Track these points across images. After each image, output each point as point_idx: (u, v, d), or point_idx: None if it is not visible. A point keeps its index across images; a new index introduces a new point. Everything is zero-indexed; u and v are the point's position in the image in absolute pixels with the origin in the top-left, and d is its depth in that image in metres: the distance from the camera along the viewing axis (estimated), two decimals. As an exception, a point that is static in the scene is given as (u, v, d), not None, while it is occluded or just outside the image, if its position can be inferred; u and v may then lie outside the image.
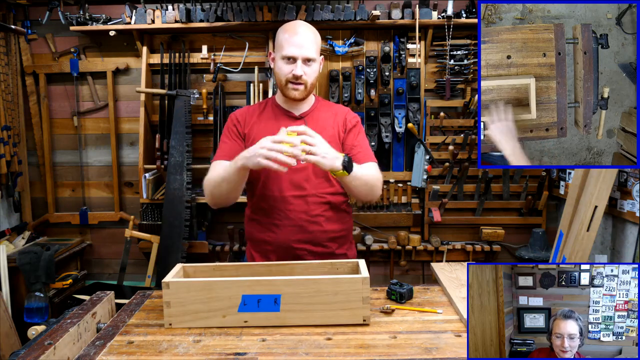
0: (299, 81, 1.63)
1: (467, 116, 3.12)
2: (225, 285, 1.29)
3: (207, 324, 1.30)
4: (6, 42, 3.06)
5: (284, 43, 1.62)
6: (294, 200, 1.66)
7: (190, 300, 1.29)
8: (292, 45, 1.60)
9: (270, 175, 1.66)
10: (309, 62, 1.63)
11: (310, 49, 1.62)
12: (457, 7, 3.02)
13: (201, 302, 1.29)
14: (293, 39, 1.61)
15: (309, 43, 1.62)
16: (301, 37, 1.61)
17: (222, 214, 3.25)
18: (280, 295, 1.29)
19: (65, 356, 1.14)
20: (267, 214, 1.70)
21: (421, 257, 3.21)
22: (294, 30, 1.63)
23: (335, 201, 1.71)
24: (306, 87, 1.65)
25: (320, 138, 1.48)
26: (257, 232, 1.73)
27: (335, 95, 3.08)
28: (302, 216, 1.67)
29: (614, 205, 2.40)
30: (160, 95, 3.09)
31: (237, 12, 2.94)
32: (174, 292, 1.29)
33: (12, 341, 2.62)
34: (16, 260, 2.75)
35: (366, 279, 1.28)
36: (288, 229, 1.67)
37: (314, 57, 1.63)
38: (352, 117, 1.77)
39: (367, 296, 1.28)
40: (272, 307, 1.29)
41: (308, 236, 1.67)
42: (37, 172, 3.32)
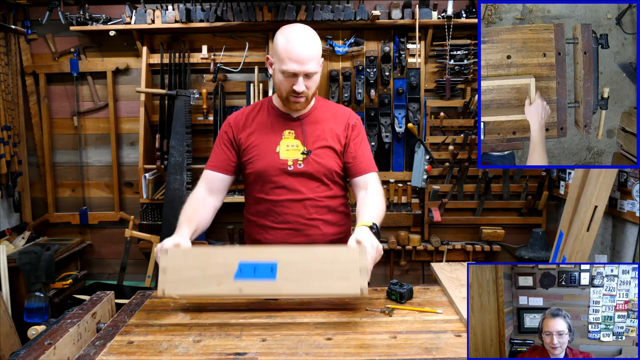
0: (301, 95, 1.58)
1: (467, 116, 3.12)
2: (222, 252, 1.30)
3: (201, 292, 1.30)
4: (6, 42, 3.06)
5: (284, 56, 1.51)
6: (290, 204, 1.64)
7: (187, 267, 1.30)
8: (292, 62, 1.50)
9: (267, 179, 1.65)
10: (310, 75, 1.56)
11: (312, 63, 1.53)
12: (457, 7, 3.02)
13: (198, 269, 1.30)
14: (293, 53, 1.50)
15: (310, 56, 1.52)
16: (302, 51, 1.50)
17: (222, 214, 3.23)
18: (276, 262, 1.29)
19: (65, 356, 1.14)
20: (264, 216, 1.69)
21: (421, 257, 3.21)
22: (294, 41, 1.51)
23: (333, 204, 1.69)
24: (307, 98, 1.62)
25: (366, 252, 1.33)
26: (255, 234, 1.73)
27: (335, 95, 3.08)
28: (300, 220, 1.65)
29: (614, 205, 2.40)
30: (160, 95, 3.09)
31: (237, 12, 2.94)
32: (171, 258, 1.30)
33: (12, 341, 2.62)
34: (16, 260, 2.75)
35: (364, 249, 1.28)
36: (285, 232, 1.66)
37: (315, 70, 1.56)
38: (354, 120, 1.72)
39: (365, 266, 1.27)
40: (269, 275, 1.28)
41: (306, 239, 1.66)
42: (37, 172, 3.32)
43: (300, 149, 1.63)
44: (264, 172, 1.64)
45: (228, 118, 1.75)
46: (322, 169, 1.64)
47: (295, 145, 1.64)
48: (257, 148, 1.65)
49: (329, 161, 1.65)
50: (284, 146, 1.64)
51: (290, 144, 1.64)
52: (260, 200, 1.68)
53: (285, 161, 1.62)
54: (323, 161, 1.64)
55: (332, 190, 1.69)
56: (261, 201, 1.68)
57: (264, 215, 1.68)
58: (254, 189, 1.70)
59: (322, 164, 1.64)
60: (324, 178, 1.66)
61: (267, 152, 1.64)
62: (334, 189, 1.69)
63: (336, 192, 1.70)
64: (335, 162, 1.66)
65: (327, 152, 1.65)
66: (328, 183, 1.67)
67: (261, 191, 1.67)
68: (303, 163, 1.63)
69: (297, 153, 1.63)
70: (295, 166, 1.63)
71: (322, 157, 1.64)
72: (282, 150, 1.63)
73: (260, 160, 1.64)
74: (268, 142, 1.65)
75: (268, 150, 1.64)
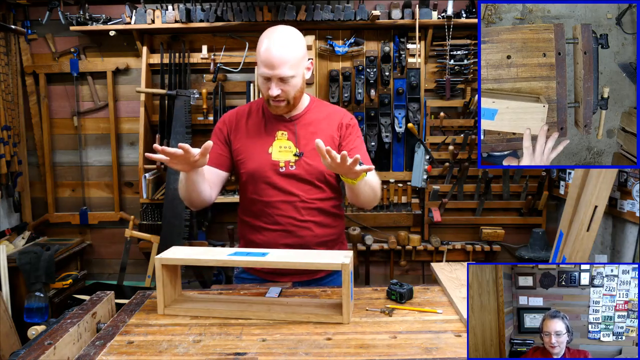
0: (278, 99, 1.57)
1: (467, 116, 3.12)
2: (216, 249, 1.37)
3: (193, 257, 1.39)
4: (6, 42, 3.06)
5: (259, 60, 1.54)
6: (282, 206, 1.64)
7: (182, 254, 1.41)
8: (264, 66, 1.52)
9: (259, 180, 1.65)
10: (285, 80, 1.54)
11: (284, 68, 1.51)
12: (457, 7, 3.02)
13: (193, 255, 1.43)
14: (267, 56, 1.51)
15: (282, 61, 1.51)
16: (274, 56, 1.50)
17: (222, 214, 3.25)
18: (268, 252, 1.39)
19: (65, 356, 1.14)
20: (257, 217, 1.69)
21: (421, 257, 3.21)
22: (269, 45, 1.51)
23: (325, 206, 1.68)
24: (288, 102, 1.60)
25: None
26: (248, 234, 1.73)
27: (335, 95, 3.08)
28: (292, 221, 1.65)
29: (614, 205, 2.40)
30: (160, 95, 3.10)
31: (237, 12, 2.94)
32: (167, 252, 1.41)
33: (12, 341, 2.62)
34: (16, 260, 2.75)
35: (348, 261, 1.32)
36: (277, 233, 1.66)
37: (289, 74, 1.53)
38: (348, 120, 1.71)
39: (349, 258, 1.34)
40: (260, 255, 1.37)
41: (298, 240, 1.65)
42: (37, 172, 3.32)
43: (293, 151, 1.64)
44: (256, 173, 1.65)
45: (223, 116, 1.77)
46: (314, 171, 1.64)
47: (288, 146, 1.64)
48: (250, 148, 1.66)
49: (321, 163, 1.64)
50: (277, 147, 1.64)
51: (283, 145, 1.65)
52: (253, 201, 1.69)
53: (277, 162, 1.63)
54: (315, 163, 1.63)
55: (324, 193, 1.68)
56: (254, 202, 1.68)
57: (257, 216, 1.69)
58: (247, 189, 1.70)
59: (314, 166, 1.63)
60: (316, 180, 1.65)
61: (260, 153, 1.65)
62: (326, 191, 1.69)
63: (328, 194, 1.70)
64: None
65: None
66: (320, 185, 1.67)
67: (254, 192, 1.67)
68: (295, 165, 1.63)
69: (290, 154, 1.64)
70: (287, 168, 1.63)
71: (314, 159, 1.62)
72: (274, 151, 1.64)
73: (252, 160, 1.65)
74: (261, 143, 1.66)
75: (261, 151, 1.65)
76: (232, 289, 1.58)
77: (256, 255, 1.38)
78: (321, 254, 1.41)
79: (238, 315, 1.33)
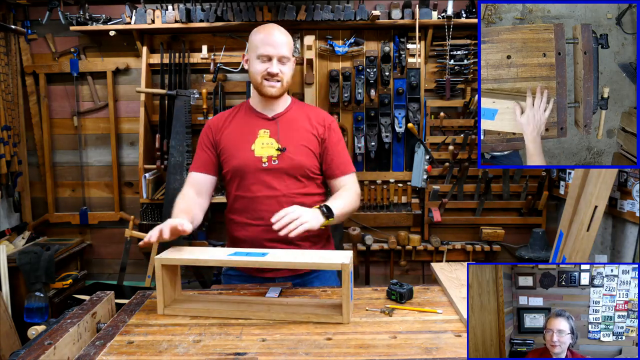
0: (276, 78, 1.67)
1: (467, 116, 3.12)
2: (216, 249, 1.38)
3: (192, 257, 1.40)
4: (6, 42, 3.06)
5: (259, 43, 1.66)
6: (265, 201, 1.68)
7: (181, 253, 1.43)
8: (267, 45, 1.65)
9: (243, 176, 1.70)
10: (283, 61, 1.67)
11: (285, 48, 1.67)
12: (457, 7, 3.02)
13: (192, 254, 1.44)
14: (268, 39, 1.65)
15: (283, 42, 1.67)
16: (276, 38, 1.66)
17: (222, 214, 3.24)
18: (268, 252, 1.41)
19: (65, 356, 1.14)
20: (241, 213, 1.73)
21: (421, 257, 3.21)
22: (269, 31, 1.67)
23: (308, 202, 1.68)
24: (282, 84, 1.69)
25: (295, 208, 1.49)
26: (233, 231, 1.77)
27: (335, 95, 3.08)
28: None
29: (614, 205, 2.40)
30: (160, 95, 3.09)
31: (237, 12, 2.94)
32: (167, 252, 1.43)
33: (12, 341, 2.62)
34: (16, 260, 2.75)
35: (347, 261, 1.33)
36: (260, 228, 1.68)
37: (288, 55, 1.68)
38: (329, 121, 1.79)
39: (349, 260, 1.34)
40: (259, 255, 1.39)
41: (280, 236, 1.67)
42: (37, 172, 3.32)
43: (275, 147, 1.69)
44: (240, 169, 1.70)
45: (207, 121, 1.84)
46: (297, 166, 1.69)
47: (270, 143, 1.70)
48: (233, 146, 1.72)
49: (303, 159, 1.70)
50: (259, 144, 1.70)
51: (266, 142, 1.70)
52: (237, 198, 1.73)
53: (260, 158, 1.68)
54: (297, 158, 1.69)
55: (307, 188, 1.72)
56: (238, 198, 1.73)
57: (241, 212, 1.73)
58: (232, 187, 1.75)
59: (297, 160, 1.69)
60: (298, 175, 1.70)
61: (243, 150, 1.70)
62: (308, 187, 1.73)
63: (311, 190, 1.74)
64: (309, 160, 1.71)
65: (301, 150, 1.70)
66: (302, 180, 1.71)
67: (238, 189, 1.72)
68: (277, 159, 1.68)
69: (272, 150, 1.69)
70: (269, 162, 1.68)
71: (297, 154, 1.69)
72: (257, 147, 1.69)
73: (235, 157, 1.70)
74: (244, 141, 1.71)
75: (243, 148, 1.70)
76: (232, 289, 1.59)
77: (256, 255, 1.39)
78: (320, 254, 1.42)
79: (238, 315, 1.33)
